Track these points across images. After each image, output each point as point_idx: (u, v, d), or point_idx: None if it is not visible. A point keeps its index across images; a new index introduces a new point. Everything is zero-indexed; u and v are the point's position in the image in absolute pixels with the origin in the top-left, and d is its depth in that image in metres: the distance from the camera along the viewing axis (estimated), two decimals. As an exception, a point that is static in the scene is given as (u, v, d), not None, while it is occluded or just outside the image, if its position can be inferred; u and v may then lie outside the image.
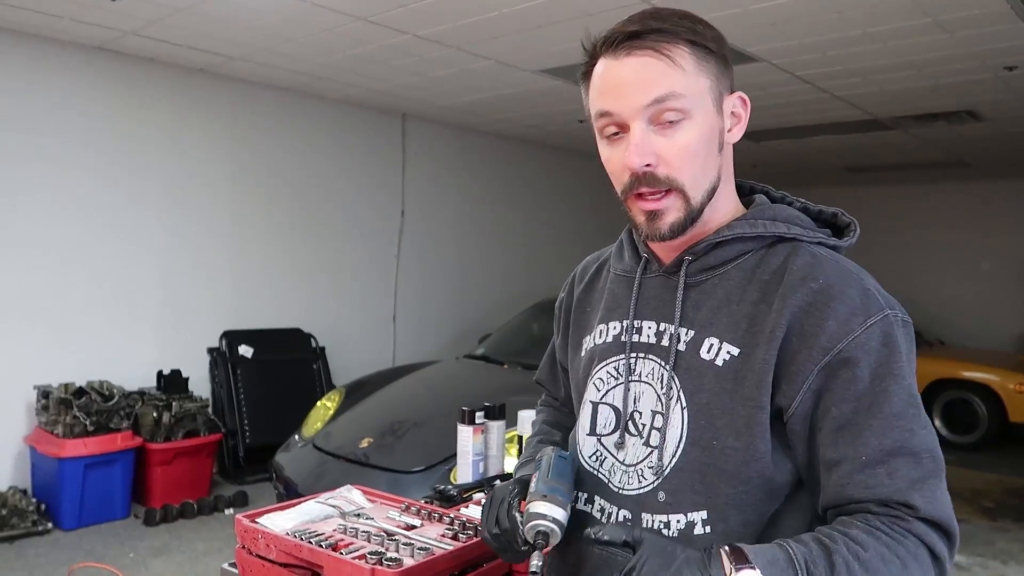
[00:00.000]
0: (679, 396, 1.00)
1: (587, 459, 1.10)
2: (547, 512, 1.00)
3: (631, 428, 1.05)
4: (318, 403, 4.27)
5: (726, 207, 1.05)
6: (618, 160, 0.99)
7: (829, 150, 7.14)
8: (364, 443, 3.58)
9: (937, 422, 6.78)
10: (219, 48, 4.53)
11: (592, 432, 1.10)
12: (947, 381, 6.79)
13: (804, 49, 4.10)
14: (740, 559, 0.84)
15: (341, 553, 1.20)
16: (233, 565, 1.36)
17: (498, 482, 1.97)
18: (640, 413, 1.04)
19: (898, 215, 9.20)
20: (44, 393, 4.29)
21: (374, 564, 1.15)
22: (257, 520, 1.34)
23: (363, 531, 1.30)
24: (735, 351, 0.97)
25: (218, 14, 3.91)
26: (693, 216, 0.99)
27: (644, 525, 1.01)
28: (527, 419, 1.89)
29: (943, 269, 8.98)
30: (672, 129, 0.96)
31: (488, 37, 4.08)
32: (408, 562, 1.18)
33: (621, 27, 0.98)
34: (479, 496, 1.74)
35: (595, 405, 1.10)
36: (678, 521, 0.99)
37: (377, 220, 6.28)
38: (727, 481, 0.96)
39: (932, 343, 7.72)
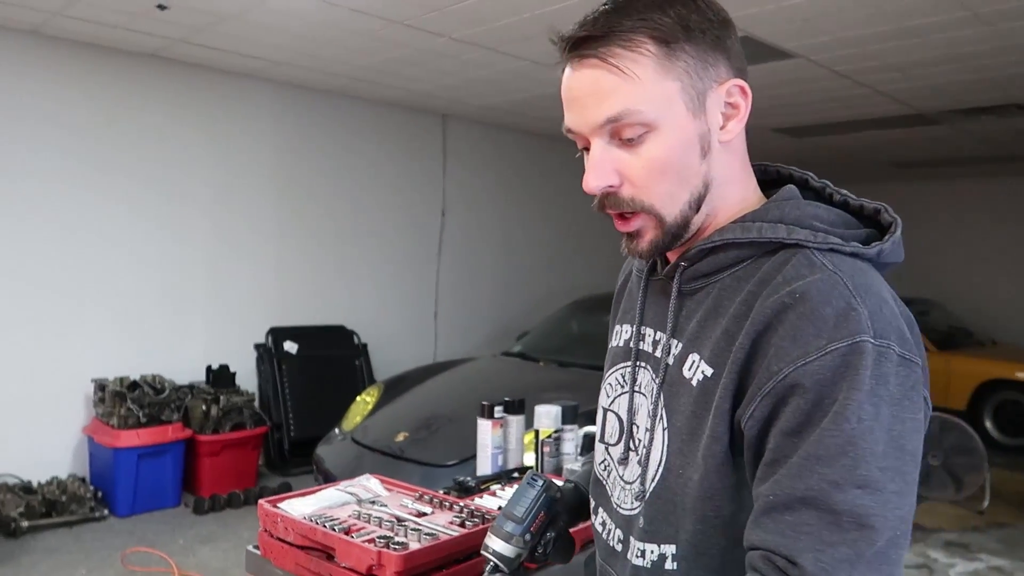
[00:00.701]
0: (662, 415, 0.92)
1: (598, 466, 1.06)
2: (488, 543, 1.03)
3: (632, 443, 0.97)
4: (357, 398, 4.39)
5: (734, 206, 0.92)
6: None
7: (874, 146, 7.01)
8: (400, 437, 3.68)
9: (988, 423, 6.61)
10: (263, 53, 4.69)
11: (602, 439, 1.06)
12: (1000, 382, 6.62)
13: (841, 44, 4.06)
14: None
15: (352, 537, 1.28)
16: (257, 547, 1.46)
17: (516, 475, 2.05)
18: (637, 427, 0.97)
19: (950, 212, 8.98)
20: (100, 386, 4.50)
21: (381, 547, 1.23)
22: (278, 505, 1.43)
23: (375, 517, 1.38)
24: (709, 371, 0.86)
25: (261, 21, 4.05)
26: (674, 232, 0.89)
27: (629, 550, 0.95)
28: (544, 414, 1.94)
29: (997, 267, 8.73)
30: (635, 145, 0.85)
31: (520, 38, 4.14)
32: (413, 546, 1.25)
33: (574, 28, 0.86)
34: (495, 487, 1.81)
35: (605, 411, 1.06)
36: (652, 552, 0.92)
37: (418, 219, 6.40)
38: (689, 517, 0.87)
39: (985, 343, 7.53)
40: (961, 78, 4.61)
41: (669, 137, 0.85)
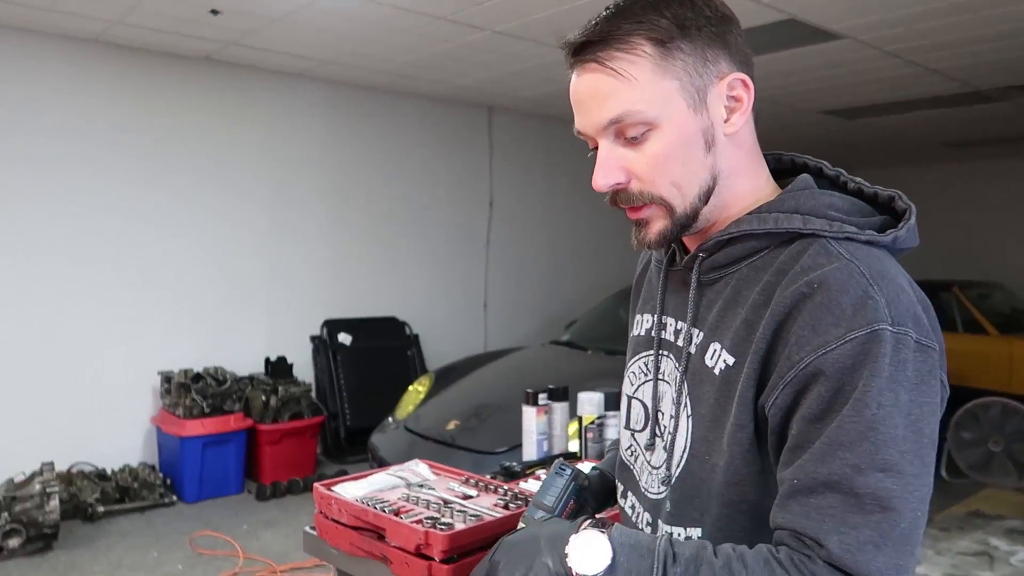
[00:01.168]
0: (686, 403, 0.95)
1: (624, 451, 1.09)
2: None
3: (658, 430, 1.01)
4: (409, 388, 4.51)
5: (745, 198, 0.94)
6: None
7: (928, 125, 6.81)
8: (451, 425, 3.77)
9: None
10: (312, 53, 4.81)
11: (627, 426, 1.09)
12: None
13: (888, 23, 3.98)
14: (601, 525, 0.84)
15: (401, 518, 1.35)
16: (314, 528, 1.55)
17: (560, 459, 2.11)
18: (662, 414, 1.00)
19: (1010, 190, 8.67)
20: (167, 378, 4.71)
21: (428, 527, 1.30)
22: (332, 488, 1.52)
23: (423, 499, 1.45)
24: (731, 360, 0.89)
25: (308, 22, 4.17)
26: (683, 223, 0.92)
27: (657, 533, 0.97)
28: (586, 401, 1.99)
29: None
30: (640, 142, 0.89)
31: (562, 30, 4.15)
32: (459, 526, 1.32)
33: (577, 35, 0.90)
34: (540, 472, 1.87)
35: (629, 399, 1.09)
36: (679, 535, 0.94)
37: (467, 211, 6.48)
38: (713, 501, 0.90)
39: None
40: (1018, 54, 4.46)
41: (671, 133, 0.88)
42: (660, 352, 1.02)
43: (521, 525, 1.07)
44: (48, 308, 4.43)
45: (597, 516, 0.89)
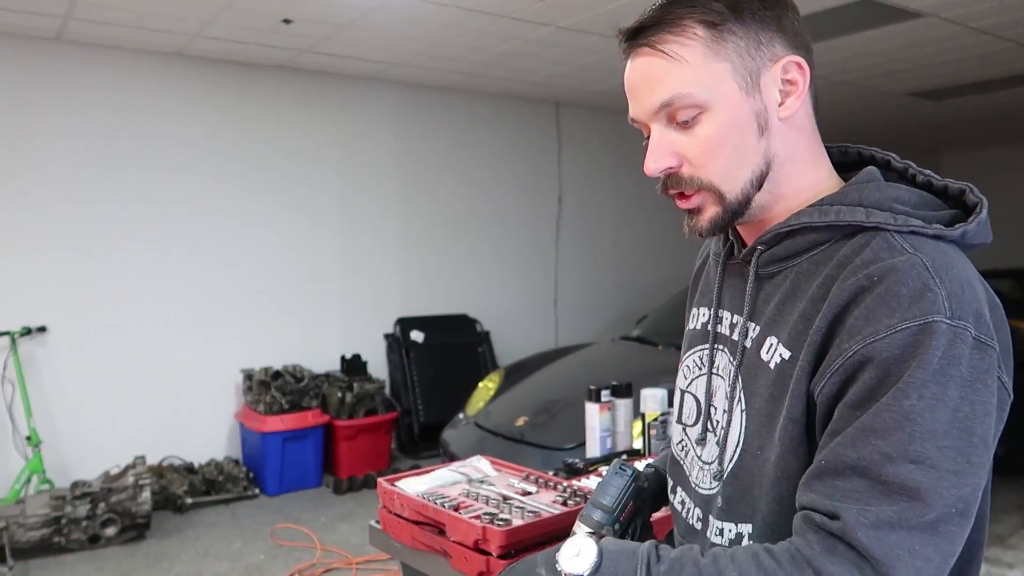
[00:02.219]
0: (740, 397, 0.93)
1: (675, 446, 1.09)
2: (577, 532, 1.03)
3: (710, 424, 1.00)
4: (480, 384, 4.54)
5: (806, 190, 0.91)
6: None
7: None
8: (520, 421, 3.79)
9: None
10: (381, 56, 4.90)
11: (679, 420, 1.08)
12: None
13: (974, -1, 3.78)
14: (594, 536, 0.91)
15: (460, 513, 1.37)
16: (379, 522, 1.58)
17: (620, 458, 2.09)
18: (715, 409, 0.99)
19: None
20: (248, 375, 4.90)
21: (486, 523, 1.31)
22: (396, 483, 1.55)
23: (483, 495, 1.47)
24: (787, 354, 0.87)
25: (377, 27, 4.25)
26: (734, 210, 0.90)
27: (709, 529, 0.98)
28: (649, 397, 1.97)
29: None
30: (691, 125, 0.89)
31: (627, 21, 4.11)
32: (516, 522, 1.33)
33: (630, 25, 0.92)
34: (603, 468, 1.86)
35: (683, 393, 1.08)
36: (730, 530, 0.94)
37: (536, 207, 6.49)
38: (765, 496, 0.89)
39: None
40: (1122, 23, 4.17)
41: (722, 116, 0.87)
42: (715, 346, 1.01)
43: (578, 524, 1.05)
44: (139, 306, 4.67)
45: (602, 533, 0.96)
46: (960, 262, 0.82)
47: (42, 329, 4.34)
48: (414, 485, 1.54)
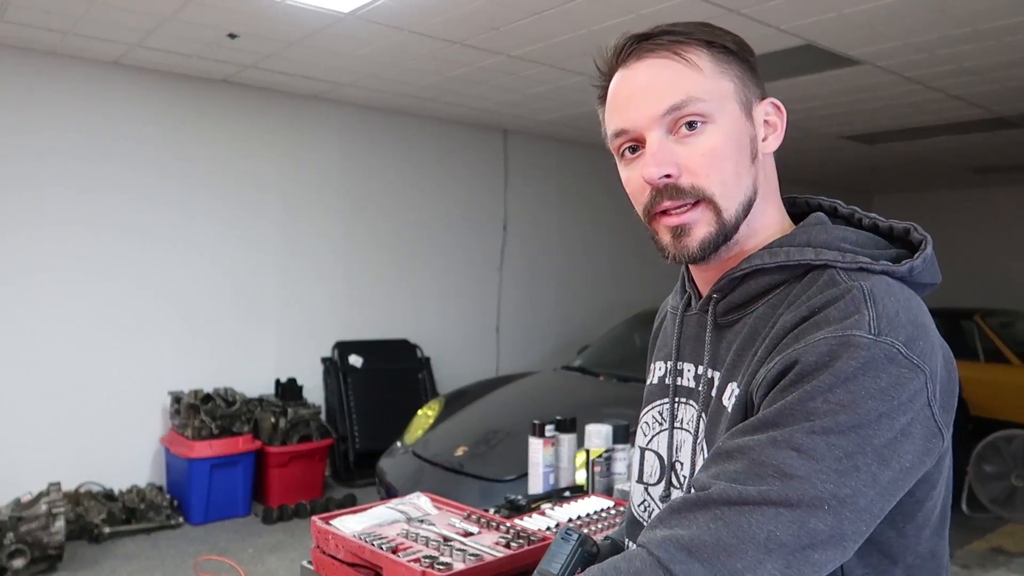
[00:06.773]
0: (702, 447, 0.92)
1: (636, 507, 1.07)
2: None
3: (675, 480, 0.97)
4: (419, 411, 4.45)
5: (766, 230, 0.92)
6: (637, 177, 0.89)
7: (953, 151, 6.74)
8: (459, 451, 3.71)
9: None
10: (329, 76, 4.83)
11: (640, 480, 1.06)
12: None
13: (910, 49, 3.93)
14: None
15: (399, 556, 1.30)
16: (311, 563, 1.50)
17: (567, 493, 2.04)
18: (681, 464, 0.96)
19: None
20: (176, 398, 4.69)
21: (426, 567, 1.25)
22: (330, 522, 1.47)
23: (423, 536, 1.40)
24: (740, 391, 0.86)
25: (326, 46, 4.18)
26: (726, 231, 0.88)
27: None
28: (594, 434, 1.94)
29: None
30: (693, 136, 0.86)
31: (578, 54, 4.15)
32: (458, 566, 1.26)
33: (630, 34, 0.91)
34: (546, 506, 1.81)
35: (642, 451, 1.06)
36: None
37: (480, 234, 6.46)
38: None
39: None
40: (1043, 80, 4.40)
41: (725, 131, 0.87)
42: (676, 399, 1.00)
43: None
44: (57, 325, 4.44)
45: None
46: (904, 293, 0.82)
47: (-47, 345, 4.08)
48: (350, 524, 1.46)
